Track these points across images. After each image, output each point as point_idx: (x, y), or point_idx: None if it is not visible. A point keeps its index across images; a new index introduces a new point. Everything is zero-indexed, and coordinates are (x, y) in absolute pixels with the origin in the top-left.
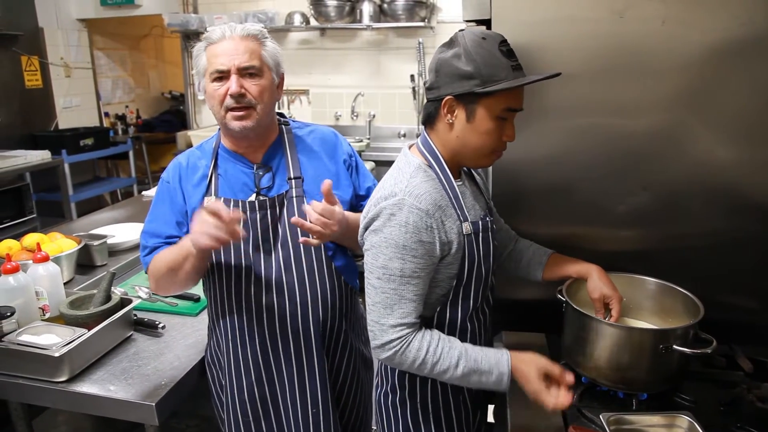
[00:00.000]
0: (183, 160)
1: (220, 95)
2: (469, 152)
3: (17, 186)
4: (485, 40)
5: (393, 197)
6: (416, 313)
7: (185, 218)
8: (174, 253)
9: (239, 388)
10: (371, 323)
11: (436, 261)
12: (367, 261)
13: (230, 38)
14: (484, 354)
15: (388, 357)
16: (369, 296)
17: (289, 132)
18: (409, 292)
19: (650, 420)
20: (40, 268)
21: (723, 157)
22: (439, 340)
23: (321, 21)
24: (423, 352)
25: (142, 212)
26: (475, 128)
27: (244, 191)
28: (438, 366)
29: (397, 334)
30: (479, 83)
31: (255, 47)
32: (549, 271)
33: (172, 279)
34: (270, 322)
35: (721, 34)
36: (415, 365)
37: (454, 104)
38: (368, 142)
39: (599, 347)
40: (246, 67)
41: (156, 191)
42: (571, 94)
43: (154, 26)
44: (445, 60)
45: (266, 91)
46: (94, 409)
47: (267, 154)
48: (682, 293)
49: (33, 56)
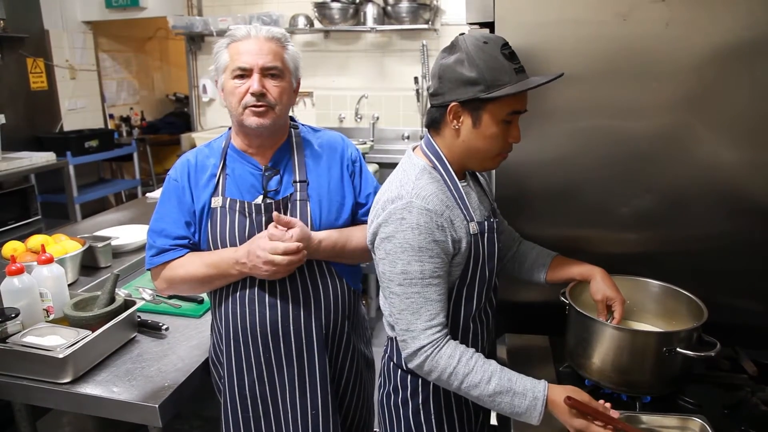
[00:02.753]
0: (191, 157)
1: (240, 93)
2: (475, 156)
3: (22, 188)
4: (487, 44)
5: (400, 200)
6: (444, 313)
7: (193, 218)
8: (207, 269)
9: (240, 386)
10: (401, 333)
11: (449, 259)
12: (384, 270)
13: (255, 38)
14: (519, 376)
15: (419, 364)
16: (393, 305)
17: (298, 135)
18: (433, 293)
19: (662, 421)
20: (45, 270)
21: (727, 160)
22: (473, 353)
23: (325, 23)
24: (455, 359)
25: (146, 214)
26: (482, 133)
27: (251, 192)
28: (470, 378)
29: (428, 339)
30: (483, 89)
31: (278, 49)
32: (552, 274)
33: (196, 288)
34: (273, 322)
35: (724, 36)
36: (446, 372)
37: (460, 110)
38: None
39: (603, 350)
40: (269, 68)
41: (162, 189)
42: (574, 97)
43: (158, 28)
44: (447, 66)
45: (285, 93)
46: (98, 410)
47: (275, 156)
48: (685, 296)
49: (38, 58)
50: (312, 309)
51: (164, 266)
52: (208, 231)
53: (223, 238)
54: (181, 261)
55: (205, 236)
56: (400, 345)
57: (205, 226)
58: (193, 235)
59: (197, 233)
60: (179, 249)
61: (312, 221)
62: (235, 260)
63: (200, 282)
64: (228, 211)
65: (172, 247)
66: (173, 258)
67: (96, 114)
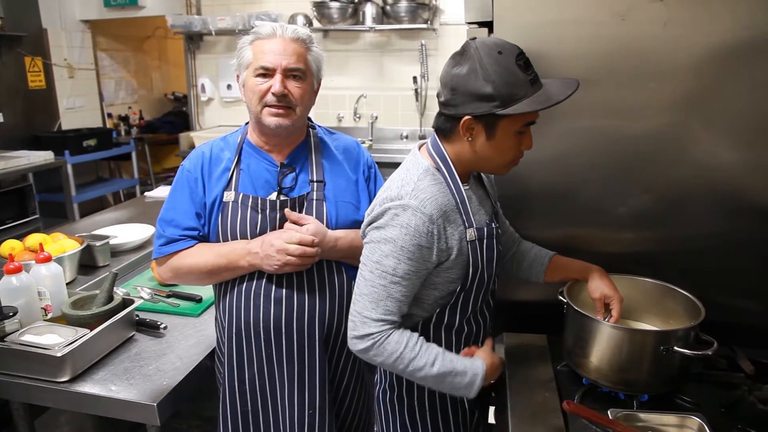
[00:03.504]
0: (206, 149)
1: (262, 91)
2: (487, 165)
3: (20, 186)
4: (501, 54)
5: (399, 200)
6: (400, 313)
7: (204, 210)
8: (218, 259)
9: (240, 380)
10: (354, 313)
11: (430, 267)
12: (364, 253)
13: (280, 37)
14: (458, 357)
15: (364, 348)
16: (358, 286)
17: (315, 136)
18: (397, 292)
19: (659, 419)
20: (43, 269)
21: (724, 160)
22: (418, 338)
23: (324, 23)
24: (402, 345)
25: (144, 213)
26: (496, 146)
27: (265, 189)
28: (415, 362)
29: (377, 329)
30: (499, 104)
31: (302, 51)
32: (551, 273)
33: (202, 279)
34: (276, 317)
35: (723, 36)
36: (392, 358)
37: (473, 123)
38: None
39: (600, 348)
40: (292, 69)
41: (175, 179)
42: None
43: (157, 27)
44: (461, 77)
45: (307, 94)
46: (96, 409)
47: (292, 155)
48: (683, 295)
49: (36, 57)
50: (316, 308)
51: (171, 256)
52: (218, 224)
53: (234, 233)
54: (190, 251)
55: (215, 229)
56: (349, 324)
57: (215, 219)
58: (203, 227)
59: (207, 225)
60: (188, 240)
61: (328, 221)
62: (247, 251)
63: (208, 273)
64: (240, 206)
65: (182, 238)
66: (181, 249)
67: (94, 113)
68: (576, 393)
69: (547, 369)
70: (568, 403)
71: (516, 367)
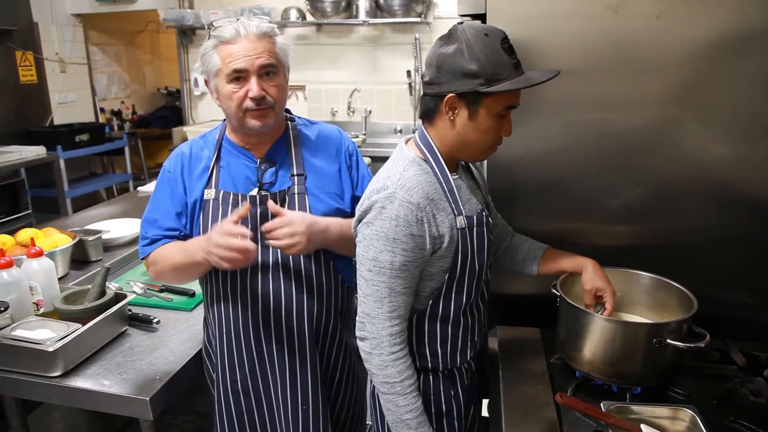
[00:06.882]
0: (186, 149)
1: (240, 98)
2: (467, 147)
3: (12, 182)
4: (488, 36)
5: (385, 190)
6: (406, 306)
7: (185, 209)
8: (182, 256)
9: (233, 380)
10: (361, 315)
11: (426, 255)
12: (358, 253)
13: (245, 37)
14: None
15: (374, 344)
16: (360, 288)
17: (294, 128)
18: (399, 285)
19: (652, 411)
20: (35, 263)
21: (717, 153)
22: (414, 381)
23: (317, 17)
24: (402, 376)
25: (137, 208)
26: (477, 126)
27: (246, 185)
28: (397, 396)
29: (387, 330)
30: (483, 82)
31: (270, 46)
32: (544, 266)
33: (176, 277)
34: (265, 316)
35: (715, 30)
36: (388, 376)
37: (456, 102)
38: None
39: (593, 341)
40: (265, 66)
41: (157, 179)
42: (565, 90)
43: (149, 21)
44: (447, 56)
45: (282, 90)
46: (89, 403)
47: (271, 149)
48: (676, 288)
49: (27, 51)
50: (305, 304)
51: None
52: (200, 223)
53: None
54: (162, 250)
55: (197, 228)
56: (357, 325)
57: (198, 218)
58: (185, 226)
59: (190, 225)
60: (170, 240)
61: (311, 214)
62: (200, 246)
63: (178, 270)
64: (221, 203)
65: (163, 238)
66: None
67: (86, 108)
68: (569, 386)
69: (540, 362)
70: (561, 395)
71: (509, 361)
